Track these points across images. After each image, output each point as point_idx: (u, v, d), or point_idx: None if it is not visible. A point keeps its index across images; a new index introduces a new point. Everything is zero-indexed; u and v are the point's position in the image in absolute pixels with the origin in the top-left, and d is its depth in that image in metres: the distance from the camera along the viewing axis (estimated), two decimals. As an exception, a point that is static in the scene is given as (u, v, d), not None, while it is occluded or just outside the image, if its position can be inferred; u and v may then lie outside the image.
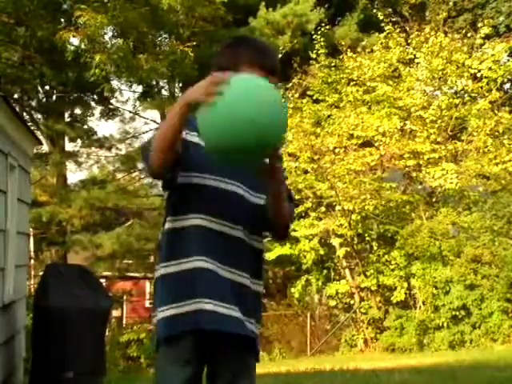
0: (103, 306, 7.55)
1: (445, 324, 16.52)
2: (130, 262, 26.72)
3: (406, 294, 17.66)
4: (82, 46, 22.53)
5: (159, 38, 25.97)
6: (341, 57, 20.56)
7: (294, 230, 19.36)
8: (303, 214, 19.56)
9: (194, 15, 22.99)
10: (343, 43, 20.47)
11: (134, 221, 27.47)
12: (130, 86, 26.60)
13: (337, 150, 18.90)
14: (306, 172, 19.35)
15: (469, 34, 20.40)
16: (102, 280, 21.62)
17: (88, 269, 8.89)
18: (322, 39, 20.52)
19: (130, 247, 24.87)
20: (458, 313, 16.45)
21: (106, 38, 23.22)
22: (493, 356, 13.43)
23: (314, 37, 21.02)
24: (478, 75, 19.18)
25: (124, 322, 27.20)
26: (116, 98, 26.65)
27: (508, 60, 21.90)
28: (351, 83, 20.12)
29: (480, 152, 18.76)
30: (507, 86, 23.76)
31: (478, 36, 19.93)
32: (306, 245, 18.68)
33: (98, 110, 26.90)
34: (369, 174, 18.80)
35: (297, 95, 20.65)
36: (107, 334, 16.30)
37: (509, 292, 16.17)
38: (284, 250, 19.71)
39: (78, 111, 26.66)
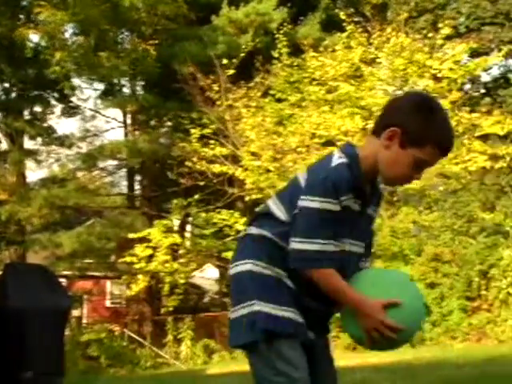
0: (63, 306, 7.46)
1: (405, 322, 16.59)
2: (91, 261, 26.51)
3: (367, 292, 17.70)
4: (42, 43, 22.36)
5: (121, 35, 25.81)
6: (303, 56, 20.58)
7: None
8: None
9: (156, 13, 22.86)
10: (305, 43, 20.47)
11: (95, 220, 27.27)
12: (91, 84, 26.43)
13: (299, 149, 18.91)
14: (268, 171, 19.35)
15: (430, 35, 20.56)
16: (62, 279, 21.44)
17: (47, 268, 8.78)
18: (284, 38, 20.52)
19: (91, 246, 24.68)
20: (418, 311, 16.52)
21: (67, 35, 23.05)
22: (452, 354, 13.55)
23: (276, 36, 21.01)
24: (439, 75, 19.33)
25: (84, 321, 26.98)
26: (77, 95, 26.42)
27: (468, 61, 22.09)
28: (313, 82, 20.15)
29: (441, 152, 18.88)
30: (467, 86, 23.96)
31: (439, 36, 20.10)
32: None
33: (58, 107, 26.66)
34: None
35: (259, 94, 20.64)
36: (67, 333, 16.15)
37: (468, 290, 16.32)
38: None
39: (37, 109, 26.35)
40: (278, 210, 2.66)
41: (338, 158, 2.61)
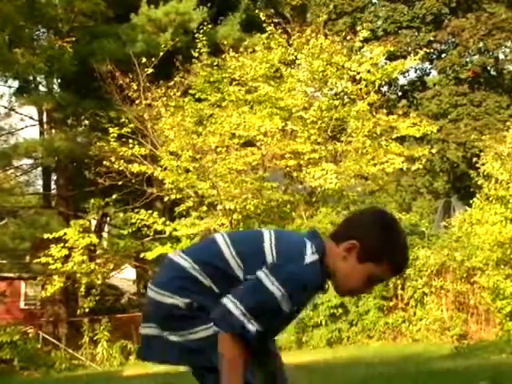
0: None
1: (323, 322, 16.73)
2: (4, 261, 25.95)
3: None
4: (-46, 38, 21.72)
5: (37, 32, 25.34)
6: (223, 56, 20.57)
7: (175, 230, 19.21)
8: (184, 213, 19.44)
9: (74, 10, 22.50)
10: (225, 43, 20.47)
11: (9, 219, 26.73)
12: (6, 81, 25.87)
13: (219, 149, 18.86)
14: (187, 171, 19.23)
15: (348, 37, 20.82)
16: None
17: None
18: (204, 38, 20.48)
19: (5, 247, 24.15)
20: (335, 310, 16.68)
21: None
22: (368, 352, 13.72)
23: (196, 35, 20.94)
24: (357, 77, 19.57)
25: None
26: (-10, 92, 25.82)
27: (385, 63, 22.44)
28: (233, 83, 20.16)
29: (358, 153, 19.14)
30: (385, 88, 24.36)
31: (357, 39, 20.38)
32: (187, 244, 18.55)
33: (-30, 104, 26.01)
34: (250, 173, 18.86)
35: (179, 94, 20.50)
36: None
37: (384, 290, 16.53)
38: (165, 249, 19.53)
39: None
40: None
41: (311, 255, 2.55)
